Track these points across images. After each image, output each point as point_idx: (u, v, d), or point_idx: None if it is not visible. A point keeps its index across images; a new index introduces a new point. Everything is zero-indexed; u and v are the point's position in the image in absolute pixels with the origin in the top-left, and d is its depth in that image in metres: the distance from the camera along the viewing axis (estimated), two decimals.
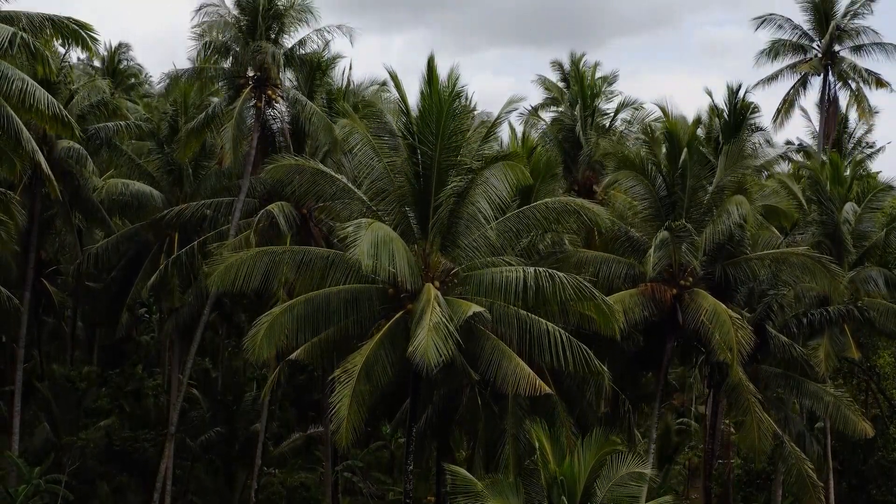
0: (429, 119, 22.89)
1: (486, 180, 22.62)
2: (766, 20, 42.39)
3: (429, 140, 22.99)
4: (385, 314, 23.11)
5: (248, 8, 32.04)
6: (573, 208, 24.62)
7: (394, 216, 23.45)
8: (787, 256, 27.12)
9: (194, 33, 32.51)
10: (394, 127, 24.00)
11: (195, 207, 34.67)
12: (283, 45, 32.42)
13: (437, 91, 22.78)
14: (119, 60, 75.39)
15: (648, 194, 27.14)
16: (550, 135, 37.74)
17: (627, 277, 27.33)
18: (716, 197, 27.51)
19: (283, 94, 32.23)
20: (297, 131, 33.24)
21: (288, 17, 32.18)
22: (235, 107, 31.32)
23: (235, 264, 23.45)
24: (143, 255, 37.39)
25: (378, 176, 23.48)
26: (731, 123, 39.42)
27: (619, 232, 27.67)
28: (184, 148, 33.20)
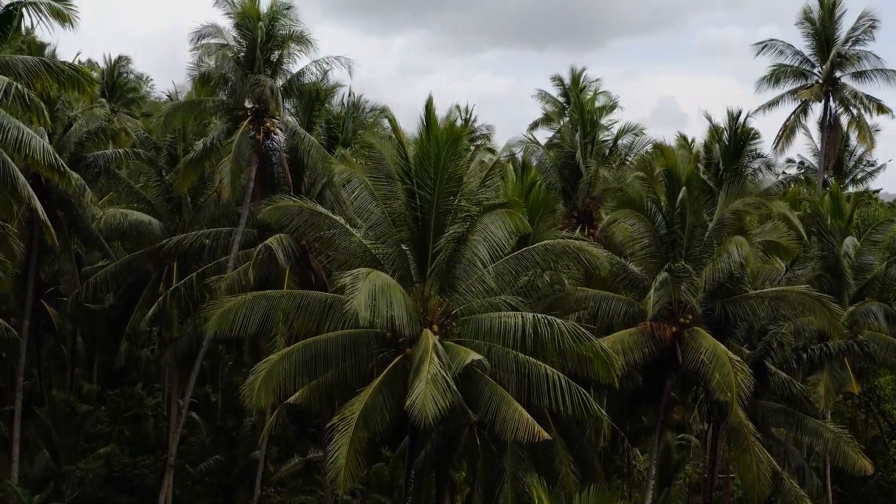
0: (427, 164, 22.82)
1: (485, 227, 22.55)
2: (768, 46, 42.19)
3: (427, 185, 22.92)
4: (383, 358, 23.05)
5: (247, 39, 31.96)
6: (572, 251, 24.53)
7: (392, 260, 23.38)
8: (786, 295, 27.03)
9: (192, 64, 32.42)
10: (392, 169, 23.91)
11: (194, 237, 34.63)
12: (281, 76, 32.32)
13: (436, 135, 22.71)
14: (119, 73, 75.67)
15: (648, 232, 27.06)
16: (550, 161, 37.63)
17: (627, 315, 27.26)
18: (716, 233, 27.43)
19: (281, 126, 32.13)
20: (296, 162, 33.18)
21: (286, 48, 32.09)
22: (234, 140, 31.25)
23: (233, 309, 23.36)
24: (142, 283, 37.34)
25: (376, 221, 23.42)
26: (732, 149, 39.52)
27: (619, 269, 27.59)
28: (182, 181, 33.15)
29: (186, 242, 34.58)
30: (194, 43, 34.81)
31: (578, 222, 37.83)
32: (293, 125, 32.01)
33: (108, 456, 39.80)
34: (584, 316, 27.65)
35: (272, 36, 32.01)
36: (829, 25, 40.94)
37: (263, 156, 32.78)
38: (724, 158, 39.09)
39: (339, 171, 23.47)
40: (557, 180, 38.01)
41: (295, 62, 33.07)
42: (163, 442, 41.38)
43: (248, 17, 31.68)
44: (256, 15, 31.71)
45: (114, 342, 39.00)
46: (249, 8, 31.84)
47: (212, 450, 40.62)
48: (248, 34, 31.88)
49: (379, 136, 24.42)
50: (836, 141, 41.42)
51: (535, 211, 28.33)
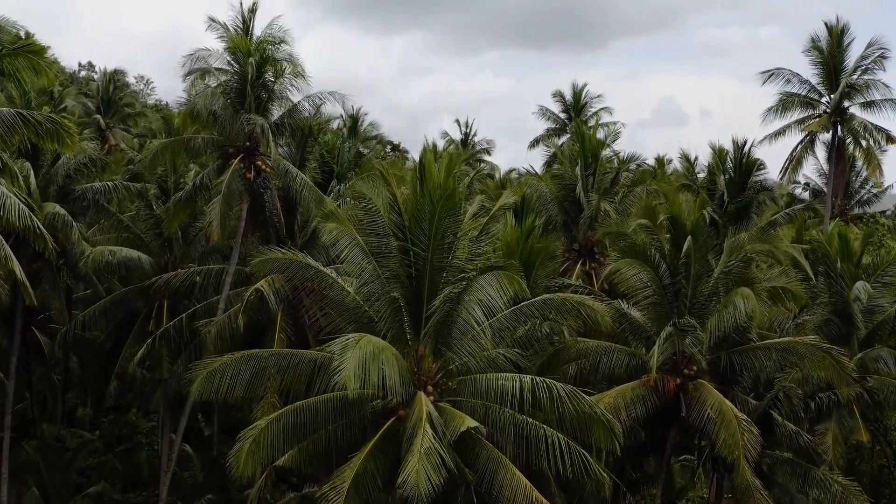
0: (421, 220, 21.89)
1: (482, 288, 21.63)
2: (774, 74, 41.07)
3: (421, 241, 22.00)
4: (376, 421, 22.17)
5: (237, 76, 31.02)
6: (572, 305, 23.61)
7: (385, 319, 22.46)
8: (794, 346, 26.09)
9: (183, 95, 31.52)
10: (385, 222, 22.98)
11: (184, 276, 33.76)
12: (273, 112, 31.37)
13: (430, 189, 21.78)
14: (114, 87, 74.81)
15: (652, 282, 26.15)
16: (550, 194, 36.65)
17: (629, 367, 26.40)
18: (722, 280, 26.53)
19: (273, 165, 31.18)
20: (288, 199, 32.27)
21: (278, 84, 31.16)
22: (223, 180, 30.32)
23: (218, 371, 22.45)
24: (132, 320, 36.48)
25: (368, 278, 22.50)
26: (737, 180, 38.69)
27: (621, 318, 26.68)
28: (171, 220, 32.24)
29: (176, 281, 33.70)
30: (187, 67, 34.03)
31: (580, 256, 36.91)
32: (285, 165, 31.05)
33: (98, 495, 38.88)
34: (586, 366, 26.76)
35: (263, 72, 31.04)
36: (837, 54, 39.87)
37: (255, 194, 31.85)
38: (728, 190, 38.24)
39: (329, 231, 22.51)
40: (557, 213, 37.05)
41: (288, 96, 32.06)
42: (156, 476, 40.45)
43: (239, 51, 30.72)
44: (247, 50, 30.75)
45: (104, 377, 38.11)
46: (239, 42, 30.91)
47: (205, 487, 39.70)
48: (238, 70, 30.93)
49: (372, 184, 23.45)
50: (844, 172, 40.36)
51: (535, 256, 27.45)
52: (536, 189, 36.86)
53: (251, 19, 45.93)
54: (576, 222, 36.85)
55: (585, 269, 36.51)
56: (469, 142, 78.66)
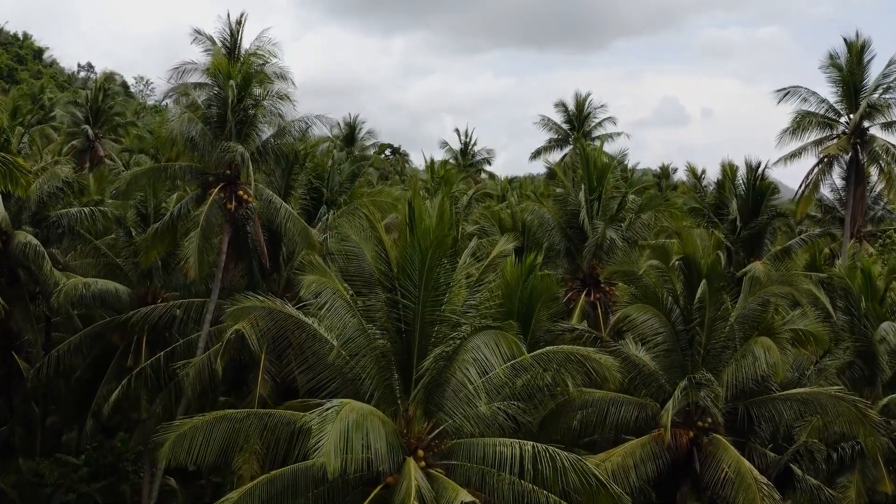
0: (410, 269, 19.88)
1: (477, 347, 19.56)
2: (791, 93, 38.77)
3: (410, 292, 19.99)
4: (361, 490, 20.14)
5: (217, 101, 28.96)
6: (577, 359, 21.55)
7: (372, 378, 20.42)
8: (817, 397, 24.04)
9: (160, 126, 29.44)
10: (371, 269, 20.96)
11: (163, 309, 31.74)
12: (256, 138, 29.26)
13: (420, 236, 19.74)
14: (104, 97, 72.81)
15: (664, 328, 24.09)
16: (553, 220, 34.56)
17: (639, 420, 24.36)
18: (740, 324, 24.50)
19: (255, 195, 29.12)
20: (273, 230, 30.22)
21: (261, 109, 29.08)
22: (202, 212, 28.25)
23: (188, 434, 20.40)
24: (110, 353, 34.44)
25: (352, 335, 20.43)
26: (750, 205, 36.61)
27: (631, 366, 24.65)
28: (147, 253, 30.18)
29: (155, 315, 31.68)
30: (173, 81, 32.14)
31: (584, 286, 34.86)
32: (268, 195, 28.97)
33: None
34: (591, 417, 24.72)
35: (245, 96, 28.95)
36: (857, 72, 37.60)
37: (237, 225, 29.79)
38: (741, 215, 36.17)
39: (307, 284, 20.44)
40: (560, 240, 34.98)
41: (273, 120, 29.97)
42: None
43: (219, 73, 28.65)
44: (228, 72, 28.65)
45: (81, 415, 36.08)
46: (220, 63, 28.83)
47: None
48: (219, 93, 28.87)
49: (358, 227, 21.41)
50: (864, 197, 38.12)
51: (536, 297, 25.42)
52: (537, 215, 34.79)
53: (239, 32, 44.13)
54: (580, 250, 34.78)
55: (590, 300, 34.48)
56: (469, 151, 76.78)
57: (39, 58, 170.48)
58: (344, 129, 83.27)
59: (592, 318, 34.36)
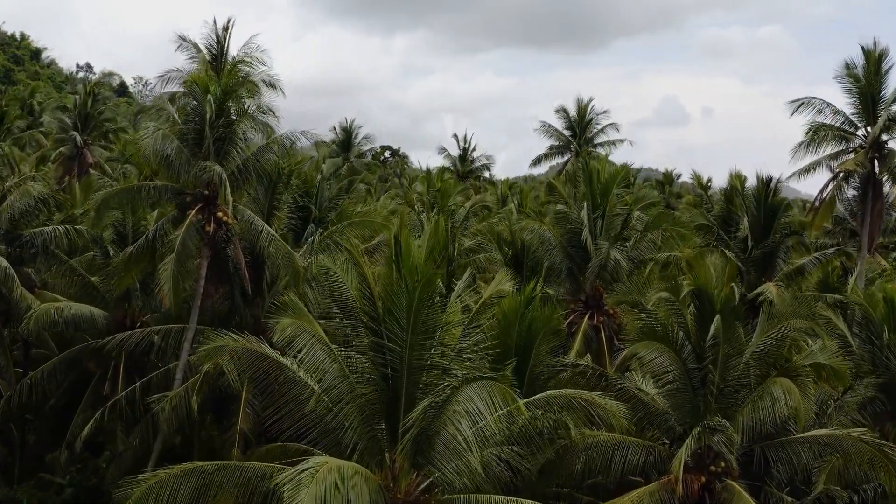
0: (396, 309, 18.05)
1: (469, 398, 17.68)
2: (805, 104, 36.68)
3: (397, 335, 18.17)
4: None
5: (194, 116, 27.10)
6: (580, 404, 19.75)
7: (354, 429, 18.59)
8: (840, 441, 22.22)
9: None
10: (355, 307, 19.13)
11: (140, 336, 29.87)
12: (237, 156, 27.35)
13: (407, 273, 17.91)
14: (93, 102, 70.86)
15: (674, 366, 22.22)
16: (554, 239, 32.68)
17: (647, 464, 22.51)
18: (756, 360, 22.68)
19: (236, 215, 27.27)
20: (255, 254, 28.36)
21: (242, 124, 27.20)
22: (177, 235, 26.39)
23: (154, 489, 18.57)
24: (87, 379, 32.65)
25: (333, 382, 18.60)
26: (761, 222, 34.69)
27: (638, 405, 22.81)
28: (121, 279, 28.37)
29: (131, 342, 29.83)
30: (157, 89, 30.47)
31: (586, 308, 33.00)
32: (249, 217, 27.08)
33: None
34: (595, 460, 22.87)
35: (225, 111, 27.08)
36: (874, 82, 35.56)
37: (217, 248, 27.93)
38: (752, 232, 34.28)
39: (282, 329, 18.58)
40: (562, 260, 33.11)
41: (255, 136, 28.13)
42: None
43: (196, 87, 26.79)
44: (205, 86, 26.75)
45: (55, 444, 34.25)
46: (197, 76, 26.95)
47: None
48: (196, 108, 27.01)
49: (340, 260, 19.57)
50: (881, 219, 36.11)
51: (535, 331, 23.57)
52: (537, 233, 32.90)
53: (226, 38, 42.27)
54: (582, 270, 32.91)
55: (593, 323, 32.63)
56: (468, 157, 74.96)
57: (37, 58, 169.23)
58: (340, 133, 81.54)
59: (595, 342, 32.57)
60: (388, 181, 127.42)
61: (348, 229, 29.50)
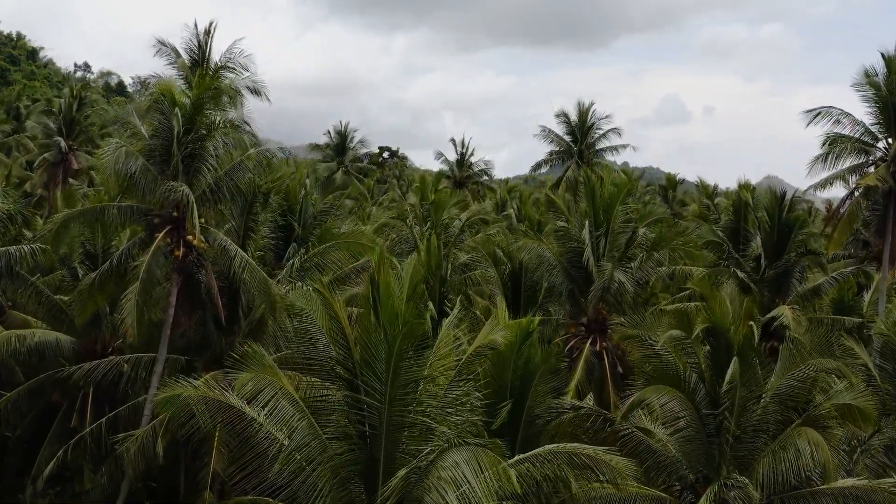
0: (374, 361, 15.90)
1: (455, 465, 15.49)
2: (821, 113, 34.37)
3: (375, 389, 16.04)
4: None
5: (162, 131, 24.92)
6: (584, 462, 17.56)
7: (325, 498, 16.42)
8: (867, 493, 20.04)
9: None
10: (330, 355, 16.97)
11: (108, 366, 27.68)
12: (208, 174, 25.14)
13: (387, 320, 15.76)
14: (80, 106, 68.72)
15: (686, 412, 20.07)
16: (554, 259, 30.48)
17: None
18: (777, 406, 20.51)
19: (208, 239, 25.09)
20: (231, 280, 26.17)
21: (214, 140, 25.00)
22: (142, 262, 24.20)
23: None
24: (55, 410, 30.46)
25: (303, 441, 16.43)
26: (775, 240, 32.45)
27: (646, 452, 20.65)
28: (84, 307, 26.20)
29: (99, 372, 27.66)
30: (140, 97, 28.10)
31: (588, 332, 30.83)
32: (221, 241, 24.88)
33: None
34: None
35: (196, 125, 24.88)
36: None
37: (188, 272, 25.75)
38: (765, 251, 32.05)
39: (241, 384, 16.41)
40: (562, 280, 30.93)
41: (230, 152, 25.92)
42: None
43: (163, 99, 24.59)
44: (172, 98, 24.54)
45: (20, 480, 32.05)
46: (164, 88, 24.75)
47: None
48: (163, 123, 24.81)
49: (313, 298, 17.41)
50: None
51: (533, 369, 21.37)
52: (536, 253, 30.68)
53: (207, 42, 40.04)
54: (584, 292, 30.72)
55: (595, 349, 30.46)
56: (465, 161, 72.76)
57: (34, 58, 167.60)
58: (335, 137, 79.31)
59: (598, 369, 30.42)
60: (386, 183, 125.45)
61: (331, 251, 27.37)
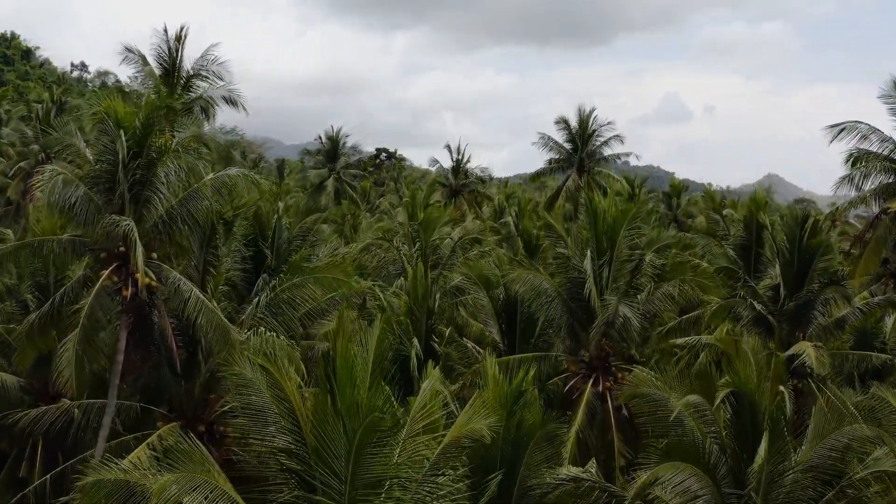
0: (331, 456, 13.04)
1: None
2: (846, 128, 31.29)
3: (333, 488, 13.17)
4: None
5: (106, 156, 21.97)
6: None
7: None
8: None
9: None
10: (280, 441, 14.09)
11: (56, 414, 24.81)
12: (159, 203, 22.17)
13: (346, 409, 12.88)
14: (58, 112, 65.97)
15: (707, 490, 17.18)
16: (553, 290, 27.55)
17: None
18: (809, 480, 17.64)
19: (160, 277, 22.16)
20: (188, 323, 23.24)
21: (164, 166, 22.02)
22: (83, 305, 21.27)
23: None
24: (3, 458, 27.68)
25: None
26: (795, 269, 29.45)
27: None
28: (24, 352, 23.33)
29: (48, 419, 24.82)
30: None
31: (590, 371, 27.89)
32: (174, 279, 21.94)
33: None
34: None
35: (146, 149, 21.93)
36: None
37: (140, 313, 22.82)
38: (785, 281, 29.08)
39: (159, 492, 13.50)
40: (561, 313, 27.98)
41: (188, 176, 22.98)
42: None
43: (107, 120, 21.64)
44: (116, 118, 21.52)
45: None
46: (109, 106, 21.75)
47: None
48: (109, 146, 21.87)
49: (260, 367, 14.53)
50: None
51: (526, 435, 18.56)
52: (532, 285, 27.72)
53: (178, 49, 37.15)
54: (585, 326, 27.81)
55: (598, 390, 27.52)
56: (461, 168, 69.77)
57: (28, 58, 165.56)
58: (326, 143, 76.38)
59: (600, 413, 27.52)
60: (384, 185, 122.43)
61: (304, 285, 24.45)
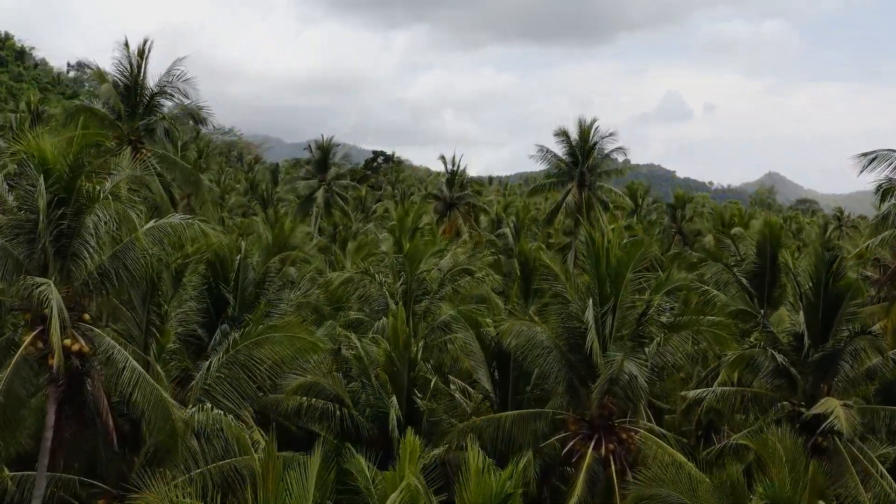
0: None
1: None
2: (878, 158, 27.88)
3: None
4: None
5: (28, 203, 18.89)
6: None
7: None
8: None
9: None
10: None
11: None
12: (88, 256, 19.09)
13: None
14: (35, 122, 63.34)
15: None
16: (549, 340, 24.49)
17: None
18: None
19: (94, 341, 19.10)
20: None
21: (95, 214, 18.93)
22: (2, 378, 18.20)
23: None
24: None
25: None
26: (821, 315, 26.22)
27: None
28: None
29: None
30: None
31: (592, 431, 24.83)
32: (107, 346, 18.85)
33: None
34: None
35: (74, 193, 18.82)
36: None
37: (71, 381, 19.74)
38: (809, 329, 25.86)
39: None
40: (559, 368, 24.91)
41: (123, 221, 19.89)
42: None
43: (27, 161, 18.55)
44: (39, 160, 18.41)
45: None
46: (34, 146, 18.65)
47: None
48: (31, 192, 18.80)
49: None
50: None
51: None
52: (526, 336, 24.65)
53: (142, 64, 34.23)
54: (585, 382, 24.75)
55: (600, 453, 24.46)
56: (457, 180, 66.79)
57: (21, 59, 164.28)
58: (316, 153, 73.39)
59: (602, 479, 24.43)
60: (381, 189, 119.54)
61: (265, 343, 21.38)
